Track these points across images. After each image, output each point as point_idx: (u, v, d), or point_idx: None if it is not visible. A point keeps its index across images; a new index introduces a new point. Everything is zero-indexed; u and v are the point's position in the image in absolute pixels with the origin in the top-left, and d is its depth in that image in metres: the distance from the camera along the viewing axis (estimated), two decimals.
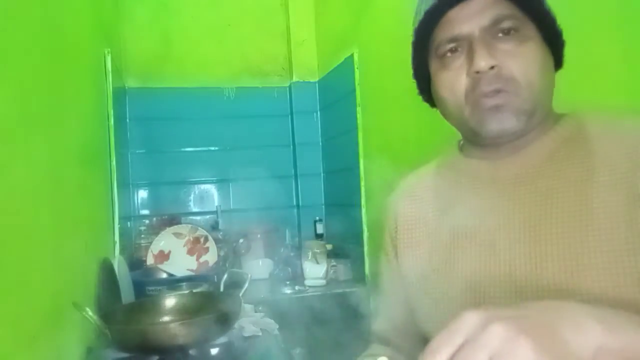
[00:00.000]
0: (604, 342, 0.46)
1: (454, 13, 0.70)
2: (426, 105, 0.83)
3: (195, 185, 2.67)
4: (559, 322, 0.46)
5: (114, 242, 1.82)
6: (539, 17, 0.69)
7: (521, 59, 0.68)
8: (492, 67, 0.67)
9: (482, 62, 0.67)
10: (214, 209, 2.61)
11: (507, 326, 0.43)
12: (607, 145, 0.67)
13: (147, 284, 1.87)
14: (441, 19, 0.71)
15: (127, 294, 1.67)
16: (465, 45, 0.70)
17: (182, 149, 2.65)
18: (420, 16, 0.72)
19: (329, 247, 2.34)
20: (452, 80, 0.72)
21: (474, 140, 0.77)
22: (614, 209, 0.63)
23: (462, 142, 0.83)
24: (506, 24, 0.68)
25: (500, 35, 0.69)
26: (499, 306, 0.49)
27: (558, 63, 0.74)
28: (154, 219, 2.45)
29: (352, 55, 2.23)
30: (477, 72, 0.68)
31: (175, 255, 2.12)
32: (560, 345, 0.44)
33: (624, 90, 0.97)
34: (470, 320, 0.45)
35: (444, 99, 0.74)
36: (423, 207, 0.83)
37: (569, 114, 0.75)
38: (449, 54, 0.72)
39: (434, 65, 0.75)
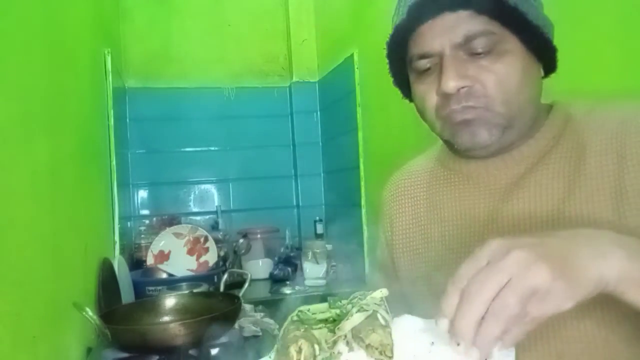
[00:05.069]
0: (627, 267, 0.48)
1: (425, 28, 0.68)
2: None
3: (195, 185, 2.67)
4: (578, 248, 0.49)
5: (114, 242, 1.82)
6: (519, 29, 0.66)
7: (497, 76, 0.65)
8: (462, 88, 0.66)
9: (451, 82, 0.65)
10: (214, 209, 2.61)
11: (526, 253, 0.47)
12: (594, 138, 0.67)
13: (147, 284, 1.88)
14: (413, 33, 0.69)
15: (127, 294, 1.67)
16: (438, 61, 0.68)
17: (182, 149, 2.64)
18: (391, 30, 0.72)
19: (329, 247, 2.33)
20: (424, 96, 0.71)
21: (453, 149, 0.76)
22: (601, 203, 0.63)
23: None
24: (479, 43, 0.65)
25: (475, 52, 0.66)
26: (521, 235, 0.52)
27: (551, 68, 0.72)
28: (154, 219, 2.44)
29: (352, 55, 2.23)
30: (445, 94, 0.67)
31: (175, 255, 2.12)
32: (578, 270, 0.47)
33: (620, 82, 0.96)
34: (493, 246, 0.49)
35: (419, 110, 0.74)
36: (417, 210, 0.83)
37: (555, 106, 0.74)
38: (422, 68, 0.70)
39: (411, 76, 0.74)
